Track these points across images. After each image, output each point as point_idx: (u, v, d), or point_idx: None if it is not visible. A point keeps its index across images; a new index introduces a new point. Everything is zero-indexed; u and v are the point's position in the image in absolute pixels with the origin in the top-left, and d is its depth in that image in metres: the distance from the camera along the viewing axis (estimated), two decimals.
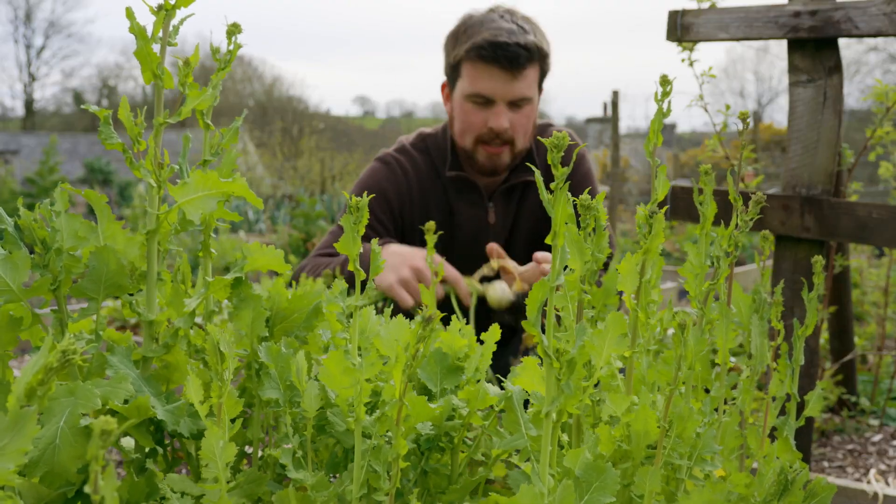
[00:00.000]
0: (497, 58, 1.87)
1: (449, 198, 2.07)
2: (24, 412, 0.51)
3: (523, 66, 1.89)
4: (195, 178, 0.94)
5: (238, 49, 1.05)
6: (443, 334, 1.01)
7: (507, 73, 1.89)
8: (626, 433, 0.88)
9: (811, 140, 1.96)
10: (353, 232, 0.77)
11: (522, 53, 1.87)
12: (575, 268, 0.87)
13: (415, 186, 2.07)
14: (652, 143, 0.94)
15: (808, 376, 1.96)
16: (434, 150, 2.10)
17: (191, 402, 0.81)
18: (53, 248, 0.92)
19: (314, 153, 20.67)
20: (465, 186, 2.06)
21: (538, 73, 1.97)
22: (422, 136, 2.15)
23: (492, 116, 1.93)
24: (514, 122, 1.95)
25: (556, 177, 0.62)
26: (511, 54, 1.86)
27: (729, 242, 0.93)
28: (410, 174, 2.07)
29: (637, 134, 22.46)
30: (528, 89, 1.93)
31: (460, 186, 2.07)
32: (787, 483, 1.06)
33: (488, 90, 1.91)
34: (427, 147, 2.12)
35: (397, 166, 2.07)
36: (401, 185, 2.05)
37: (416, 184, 2.07)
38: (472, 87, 1.93)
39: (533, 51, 1.90)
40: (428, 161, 2.10)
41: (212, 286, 0.99)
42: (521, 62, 1.88)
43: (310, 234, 6.88)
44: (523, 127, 1.97)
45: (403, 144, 2.15)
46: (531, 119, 2.00)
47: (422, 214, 2.07)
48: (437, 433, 0.94)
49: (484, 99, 1.93)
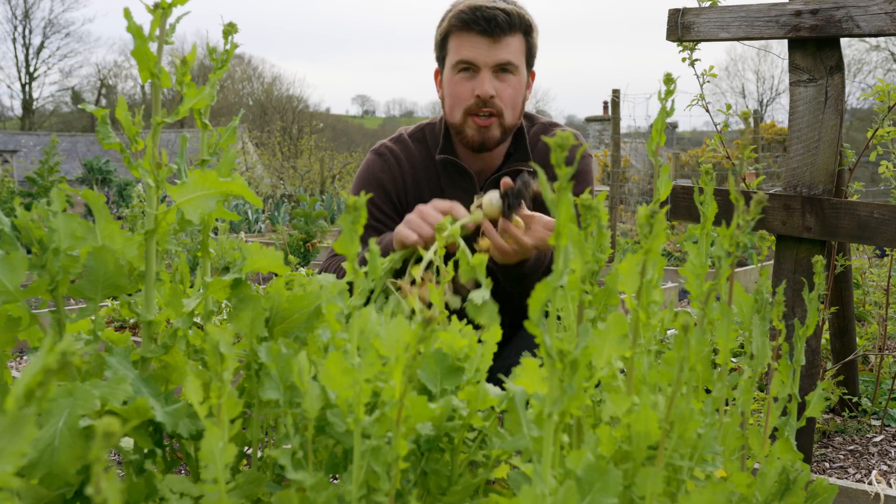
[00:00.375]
0: (477, 20, 1.90)
1: (441, 184, 2.10)
2: (22, 413, 0.51)
3: (504, 31, 1.92)
4: (194, 177, 0.93)
5: (235, 48, 1.05)
6: (443, 334, 1.01)
7: (488, 37, 1.92)
8: (627, 434, 0.88)
9: (812, 140, 1.95)
10: (351, 231, 0.76)
11: (500, 15, 1.90)
12: (575, 268, 0.86)
13: (408, 174, 2.10)
14: (655, 142, 0.93)
15: (809, 377, 1.96)
16: (430, 138, 2.13)
17: (190, 402, 0.81)
18: (51, 249, 0.92)
19: (314, 153, 20.67)
20: (456, 172, 2.08)
21: (522, 43, 1.98)
22: (420, 127, 2.18)
23: (477, 84, 1.95)
24: (500, 90, 1.96)
25: (560, 176, 0.61)
26: (489, 15, 1.90)
27: (730, 242, 0.92)
28: (404, 162, 2.10)
29: (637, 133, 22.41)
30: (511, 55, 1.95)
31: (452, 172, 2.08)
32: (789, 483, 1.06)
33: (471, 56, 1.94)
34: (424, 136, 2.15)
35: (390, 156, 2.11)
36: (395, 174, 2.09)
37: (410, 171, 2.10)
38: (456, 56, 1.97)
39: (513, 16, 1.92)
40: (423, 149, 2.12)
41: (210, 287, 0.99)
42: (501, 24, 1.91)
43: (310, 234, 6.87)
44: (510, 98, 1.98)
45: (401, 134, 2.18)
46: (518, 92, 2.00)
47: (417, 201, 2.08)
48: (437, 434, 0.93)
49: (468, 65, 1.95)
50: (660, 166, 0.94)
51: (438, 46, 2.05)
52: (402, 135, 2.17)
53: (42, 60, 40.83)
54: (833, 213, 1.88)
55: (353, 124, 56.39)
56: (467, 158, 2.08)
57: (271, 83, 42.58)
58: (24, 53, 40.01)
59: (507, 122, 2.00)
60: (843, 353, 2.54)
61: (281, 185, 17.85)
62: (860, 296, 3.54)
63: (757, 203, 0.95)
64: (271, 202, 13.75)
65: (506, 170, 2.06)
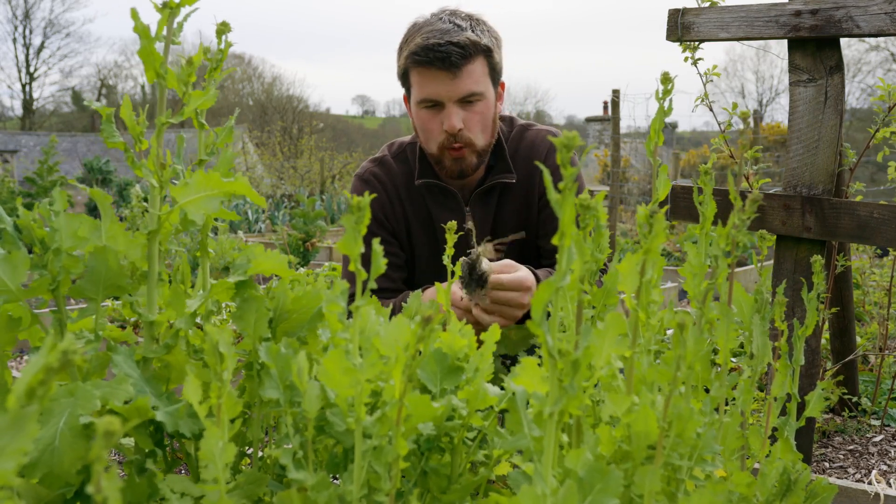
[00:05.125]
0: (431, 60, 1.87)
1: (427, 205, 2.08)
2: (23, 412, 0.51)
3: (460, 64, 1.89)
4: (197, 178, 0.93)
5: (229, 48, 1.04)
6: (443, 335, 1.01)
7: (446, 72, 1.89)
8: (626, 433, 0.88)
9: (812, 139, 1.95)
10: (354, 232, 0.76)
11: (454, 51, 1.87)
12: (574, 268, 0.86)
13: (394, 197, 2.09)
14: (653, 142, 0.93)
15: (809, 376, 1.96)
16: (412, 159, 2.12)
17: (191, 402, 0.81)
18: (52, 248, 0.92)
19: (314, 153, 20.67)
20: (440, 192, 2.07)
21: (484, 66, 1.95)
22: (401, 147, 2.16)
23: (445, 119, 1.93)
24: (468, 120, 1.94)
25: (566, 177, 0.62)
26: (443, 54, 1.86)
27: (727, 242, 0.93)
28: (388, 186, 2.09)
29: (637, 133, 22.40)
30: (473, 85, 1.92)
31: (436, 193, 2.08)
32: (790, 484, 1.06)
33: (433, 93, 1.92)
34: (406, 156, 2.13)
35: (375, 181, 2.10)
36: (381, 199, 2.08)
37: (395, 195, 2.09)
38: (419, 94, 1.95)
39: (467, 46, 1.88)
40: (406, 170, 2.11)
41: (215, 288, 0.99)
42: (455, 60, 1.87)
43: (309, 234, 6.88)
44: (479, 124, 1.96)
45: (384, 155, 2.16)
46: (487, 115, 1.98)
47: (403, 224, 2.09)
48: (437, 433, 0.93)
49: (432, 102, 1.94)
50: (658, 166, 0.94)
51: (401, 77, 2.03)
52: (386, 156, 2.15)
53: (42, 60, 40.85)
54: (833, 213, 1.89)
55: (353, 124, 56.40)
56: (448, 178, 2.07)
57: (271, 83, 42.58)
58: (25, 53, 40.03)
59: (480, 146, 1.99)
60: (843, 353, 2.54)
61: (281, 185, 17.84)
62: (860, 296, 3.54)
63: (752, 202, 0.95)
64: (271, 202, 13.76)
65: (489, 182, 2.05)
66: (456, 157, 1.97)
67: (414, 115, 2.02)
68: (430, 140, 1.99)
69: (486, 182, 2.07)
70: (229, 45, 1.04)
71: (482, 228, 2.07)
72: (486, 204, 2.08)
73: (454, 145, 1.94)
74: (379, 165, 2.13)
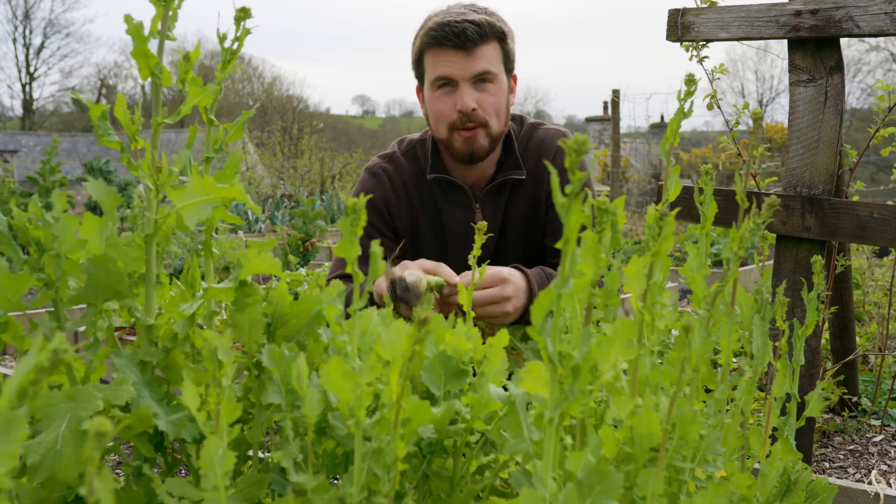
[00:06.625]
0: (447, 35, 1.90)
1: (437, 201, 2.09)
2: (14, 414, 0.50)
3: (475, 42, 1.91)
4: (193, 182, 0.93)
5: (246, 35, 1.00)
6: (448, 337, 1.00)
7: (460, 50, 1.91)
8: (629, 435, 0.88)
9: (812, 140, 1.95)
10: (351, 234, 0.76)
11: (470, 28, 1.90)
12: (587, 272, 0.85)
13: (402, 193, 2.09)
14: (669, 142, 0.93)
15: (809, 377, 1.96)
16: (422, 155, 2.12)
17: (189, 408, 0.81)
18: (51, 254, 0.92)
19: (314, 153, 20.67)
20: (450, 188, 2.07)
21: (498, 50, 1.97)
22: (412, 144, 2.17)
23: (458, 98, 1.94)
24: (481, 100, 1.95)
25: (574, 182, 0.61)
26: (459, 29, 1.89)
27: (739, 245, 0.92)
28: (397, 181, 2.10)
29: (637, 133, 22.37)
30: (487, 64, 1.94)
31: (446, 188, 2.08)
32: (790, 483, 1.06)
33: (447, 71, 1.93)
34: (416, 153, 2.14)
35: (384, 175, 2.10)
36: (388, 193, 2.08)
37: (404, 191, 2.09)
38: (433, 73, 1.96)
39: (483, 25, 1.91)
40: (416, 167, 2.12)
41: (208, 292, 0.98)
42: (472, 36, 1.90)
43: (308, 234, 6.88)
44: (493, 106, 1.97)
45: (394, 151, 2.17)
46: (500, 99, 1.99)
47: (411, 220, 2.09)
48: (439, 437, 0.93)
49: (446, 80, 1.95)
50: (671, 167, 0.94)
51: (415, 65, 2.05)
52: (396, 152, 2.16)
53: (42, 60, 40.85)
54: (833, 213, 1.88)
55: (354, 124, 56.38)
56: (460, 173, 2.08)
57: (271, 83, 42.57)
58: (25, 53, 40.03)
59: (494, 131, 1.99)
60: (843, 353, 2.54)
61: (281, 184, 17.84)
62: (860, 296, 3.54)
63: (769, 206, 0.94)
64: (271, 202, 13.75)
65: (500, 178, 2.05)
66: (467, 138, 1.96)
67: (427, 99, 2.02)
68: (440, 122, 1.99)
69: (496, 178, 2.07)
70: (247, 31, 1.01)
71: (492, 224, 2.08)
72: (497, 201, 2.08)
73: (467, 125, 1.95)
74: (388, 160, 2.14)
